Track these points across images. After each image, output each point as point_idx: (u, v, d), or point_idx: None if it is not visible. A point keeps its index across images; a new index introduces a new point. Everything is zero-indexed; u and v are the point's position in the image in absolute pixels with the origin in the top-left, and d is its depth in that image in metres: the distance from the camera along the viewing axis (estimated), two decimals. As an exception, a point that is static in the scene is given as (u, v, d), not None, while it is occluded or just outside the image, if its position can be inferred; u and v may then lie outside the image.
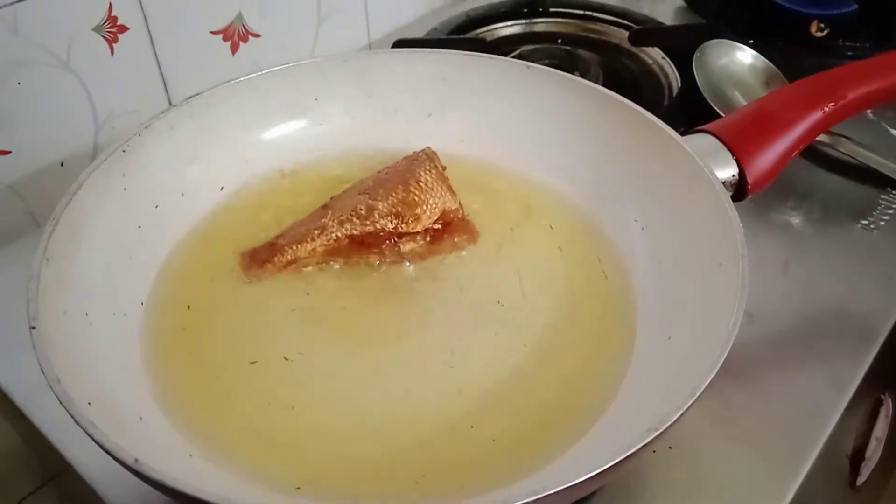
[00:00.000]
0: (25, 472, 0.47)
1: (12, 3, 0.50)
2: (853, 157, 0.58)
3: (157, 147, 0.44)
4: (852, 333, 0.46)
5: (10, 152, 0.54)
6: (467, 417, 0.36)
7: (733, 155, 0.43)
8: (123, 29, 0.57)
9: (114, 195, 0.41)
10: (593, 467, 0.28)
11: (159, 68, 0.61)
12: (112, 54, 0.57)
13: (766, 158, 0.43)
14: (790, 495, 0.39)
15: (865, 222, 0.54)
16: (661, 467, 0.40)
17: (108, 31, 0.56)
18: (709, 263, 0.39)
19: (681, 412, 0.30)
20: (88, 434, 0.29)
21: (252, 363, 0.38)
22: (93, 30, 0.55)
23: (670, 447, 0.40)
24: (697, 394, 0.30)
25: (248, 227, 0.45)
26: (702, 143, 0.44)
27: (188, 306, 0.41)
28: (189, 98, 0.46)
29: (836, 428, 0.42)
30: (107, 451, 0.28)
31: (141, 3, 0.57)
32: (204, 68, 0.63)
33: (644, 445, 0.29)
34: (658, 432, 0.29)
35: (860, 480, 0.53)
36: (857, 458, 0.52)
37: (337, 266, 0.44)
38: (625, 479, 0.39)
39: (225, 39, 0.65)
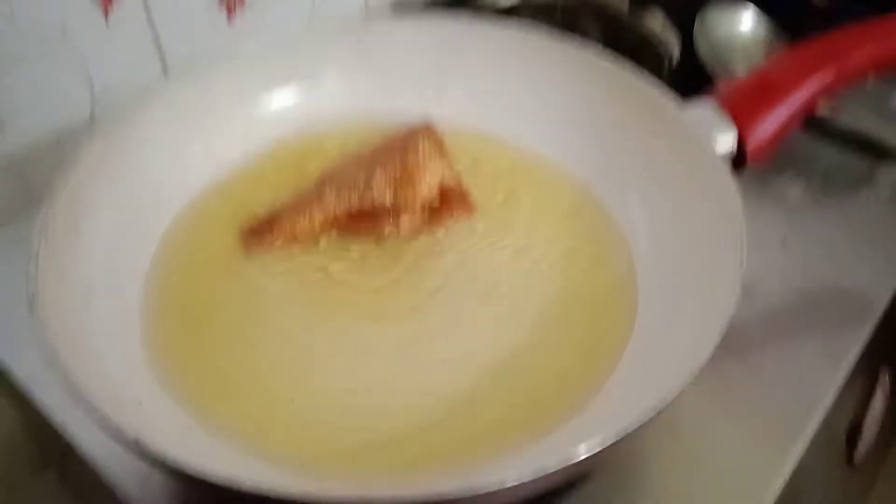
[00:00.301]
0: (28, 455, 0.47)
1: (3, -29, 0.49)
2: (854, 129, 0.57)
3: (154, 120, 0.44)
4: (850, 308, 0.46)
5: (4, 126, 0.53)
6: (467, 394, 0.36)
7: (733, 123, 0.42)
8: (118, -4, 0.56)
9: (111, 170, 0.41)
10: (593, 444, 0.28)
11: (156, 37, 0.60)
12: (107, 24, 0.56)
13: (767, 126, 0.42)
14: (787, 472, 0.39)
15: (866, 194, 0.53)
16: (658, 444, 0.40)
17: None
18: (708, 239, 0.39)
19: (679, 389, 0.30)
20: (88, 414, 0.29)
21: (252, 342, 0.38)
22: (87, -2, 0.54)
23: (667, 423, 0.40)
24: (696, 370, 0.31)
25: (247, 200, 0.45)
26: (701, 110, 0.43)
27: (188, 283, 0.41)
28: (186, 69, 0.46)
29: (833, 404, 0.42)
30: (107, 431, 0.28)
31: (136, -30, 0.56)
32: (200, 36, 0.62)
33: (643, 423, 0.29)
34: (657, 410, 0.29)
35: (857, 457, 0.53)
36: (854, 434, 0.52)
37: (334, 241, 0.44)
38: (622, 456, 0.39)
39: (221, 5, 0.63)
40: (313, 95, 0.50)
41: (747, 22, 0.61)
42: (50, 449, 0.44)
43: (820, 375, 0.42)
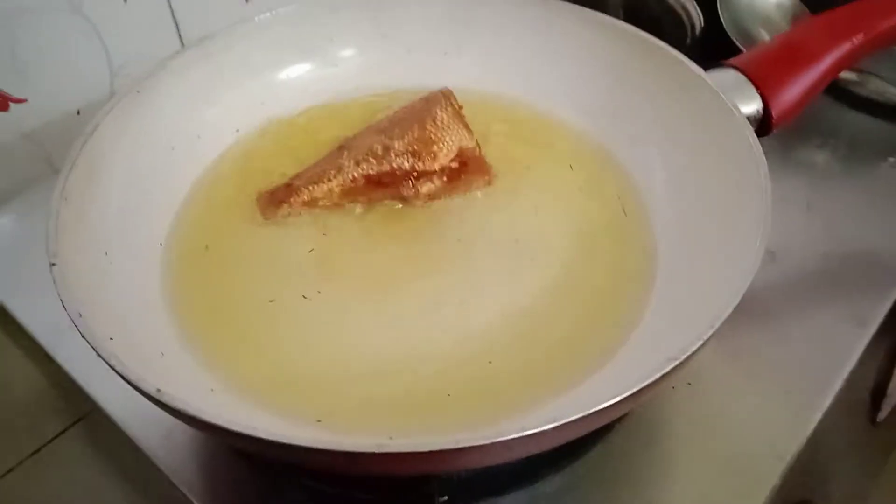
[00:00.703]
0: (53, 413, 0.47)
1: (24, -52, 0.50)
2: (881, 96, 0.56)
3: (172, 88, 0.44)
4: (875, 271, 0.46)
5: (26, 100, 0.54)
6: (486, 352, 0.36)
7: (757, 89, 0.42)
8: (136, -27, 0.56)
9: (130, 136, 0.41)
10: (613, 395, 0.28)
11: (172, 13, 0.60)
12: (125, 0, 0.57)
13: (792, 92, 0.42)
14: (809, 430, 0.39)
15: (893, 160, 0.52)
16: (681, 403, 0.40)
17: (121, -24, 0.56)
18: (731, 198, 0.38)
19: (701, 342, 0.30)
20: (111, 366, 0.29)
21: (270, 301, 0.38)
22: (105, -25, 0.55)
23: (689, 383, 0.40)
24: (717, 324, 0.30)
25: (264, 168, 0.45)
26: (725, 77, 0.43)
27: (206, 246, 0.41)
28: (203, 39, 0.46)
29: (858, 364, 0.42)
30: (129, 383, 0.29)
31: (153, -54, 0.57)
32: (217, 13, 0.63)
33: (664, 375, 0.29)
34: (678, 361, 0.29)
35: (881, 416, 0.53)
36: (878, 393, 0.52)
37: (353, 206, 0.43)
38: (644, 415, 0.39)
39: (238, -16, 0.64)
40: (329, 65, 0.50)
41: (770, -8, 0.60)
42: (76, 408, 0.45)
43: (845, 337, 0.42)
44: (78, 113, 0.57)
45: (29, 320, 0.44)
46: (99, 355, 0.29)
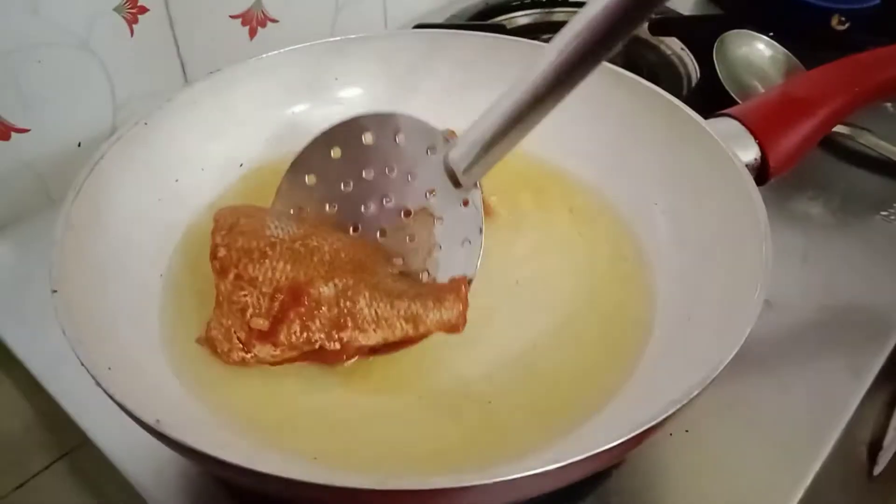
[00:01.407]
0: (39, 448, 0.47)
1: (34, -18, 0.50)
2: (873, 150, 0.57)
3: (178, 121, 0.44)
4: (871, 323, 0.46)
5: (28, 130, 0.54)
6: (485, 392, 0.36)
7: (755, 138, 0.43)
8: (143, 10, 0.57)
9: (135, 167, 0.42)
10: (614, 437, 0.28)
11: (178, 51, 0.61)
12: (132, 35, 0.57)
13: (789, 141, 0.43)
14: (807, 483, 0.38)
15: (885, 213, 0.53)
16: (678, 450, 0.39)
17: (129, 12, 0.57)
18: (731, 245, 0.39)
19: (704, 386, 0.30)
20: (110, 395, 0.29)
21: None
22: (113, 10, 0.55)
23: (687, 430, 0.40)
24: (721, 368, 0.30)
25: (266, 202, 0.45)
26: (723, 126, 0.44)
27: (206, 279, 0.41)
28: (211, 73, 0.46)
29: (854, 417, 0.42)
30: (128, 412, 0.28)
31: (162, -15, 0.58)
32: (222, 52, 0.63)
33: (666, 417, 0.29)
34: (681, 404, 0.29)
35: (877, 470, 0.53)
36: (875, 447, 0.52)
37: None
38: (641, 462, 0.39)
39: (244, 24, 0.65)
40: (335, 104, 0.51)
41: (765, 47, 0.62)
42: (64, 439, 0.44)
43: (841, 388, 0.42)
44: (79, 145, 0.57)
45: (22, 350, 0.43)
46: (98, 384, 0.29)
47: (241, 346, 0.35)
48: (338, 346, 0.36)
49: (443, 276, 0.40)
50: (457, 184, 0.39)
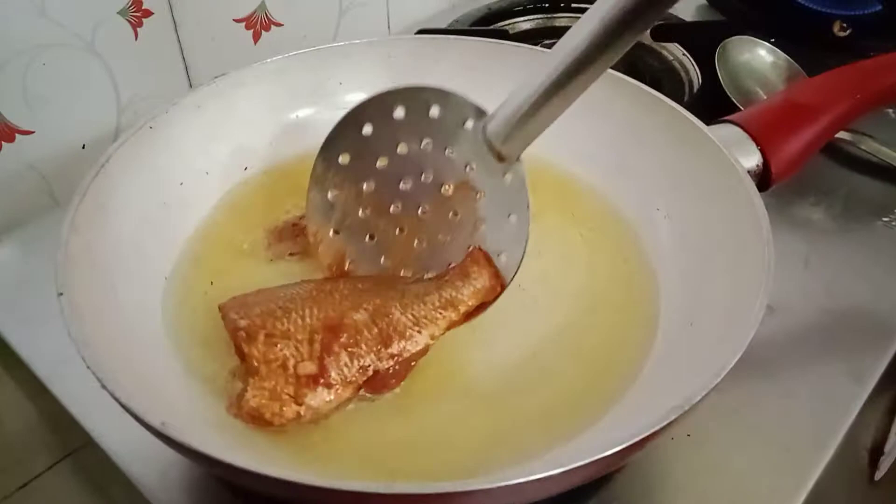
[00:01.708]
0: (42, 449, 0.47)
1: (40, -15, 0.50)
2: (875, 155, 0.58)
3: (183, 125, 0.45)
4: (873, 328, 0.46)
5: (33, 132, 0.54)
6: (489, 396, 0.36)
7: (757, 144, 0.43)
8: (148, 13, 0.58)
9: (140, 170, 0.42)
10: (618, 442, 0.28)
11: (182, 54, 0.61)
12: (136, 38, 0.58)
13: (791, 148, 0.43)
14: (808, 488, 0.38)
15: (886, 219, 0.53)
16: (680, 455, 0.39)
17: (133, 15, 0.57)
18: (733, 250, 0.39)
19: (707, 391, 0.30)
20: (115, 398, 0.29)
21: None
22: (118, 13, 0.56)
23: (689, 435, 0.40)
24: (723, 373, 0.30)
25: (270, 206, 0.45)
26: (725, 132, 0.44)
27: (211, 282, 0.41)
28: (216, 77, 0.47)
29: (856, 422, 0.42)
30: (134, 415, 0.28)
31: (166, -11, 0.58)
32: (226, 55, 0.64)
33: (669, 423, 0.29)
34: (683, 410, 0.29)
35: (878, 475, 0.53)
36: (876, 452, 0.52)
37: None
38: (643, 466, 0.39)
39: (248, 28, 0.65)
40: (339, 108, 0.50)
41: (767, 53, 0.62)
42: (67, 439, 0.44)
43: (843, 393, 0.42)
44: (83, 147, 0.58)
45: (27, 351, 0.44)
46: (104, 386, 0.29)
47: (291, 398, 0.33)
48: (390, 363, 0.35)
49: (493, 249, 0.39)
50: (499, 158, 0.38)
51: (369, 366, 0.35)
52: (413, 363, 0.36)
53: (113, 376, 0.30)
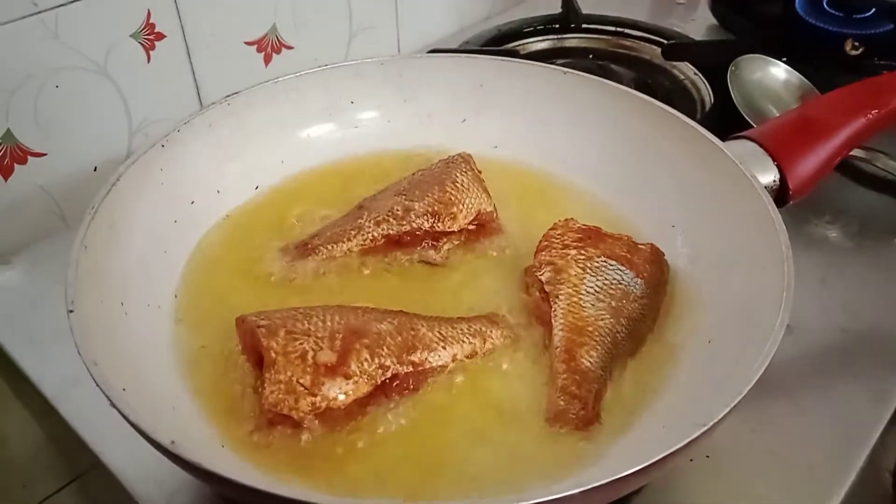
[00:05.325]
0: (49, 472, 0.46)
1: (54, 8, 0.51)
2: (891, 173, 0.57)
3: (194, 143, 0.45)
4: (892, 347, 0.45)
5: (45, 155, 0.54)
6: (505, 416, 0.36)
7: (774, 160, 0.43)
8: (161, 36, 0.58)
9: (151, 189, 0.42)
10: (635, 463, 0.27)
11: (194, 77, 0.62)
12: (148, 61, 0.58)
13: (809, 164, 0.43)
14: (834, 508, 0.38)
15: (903, 237, 0.53)
16: (699, 476, 0.39)
17: (146, 39, 0.57)
18: (751, 267, 0.38)
19: (728, 409, 0.29)
20: (124, 416, 0.28)
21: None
22: (130, 36, 0.56)
23: (707, 456, 0.39)
24: (745, 391, 0.30)
25: (281, 224, 0.45)
26: (742, 148, 0.43)
27: (218, 300, 0.41)
28: (228, 97, 0.47)
29: (878, 443, 0.41)
30: (143, 434, 0.28)
31: (178, 12, 0.58)
32: (237, 78, 0.64)
33: (690, 441, 0.28)
34: (705, 427, 0.28)
35: (903, 499, 0.51)
36: (900, 474, 0.50)
37: (367, 270, 0.43)
38: (661, 489, 0.38)
39: (259, 50, 0.65)
40: (350, 126, 0.51)
41: (780, 72, 0.62)
42: (73, 466, 0.44)
43: (863, 415, 0.41)
44: (95, 170, 0.58)
45: (35, 372, 0.43)
46: (113, 405, 0.29)
47: (306, 390, 0.33)
48: (410, 368, 0.35)
49: None
50: None
51: (389, 367, 0.35)
52: (430, 377, 0.36)
53: (121, 394, 0.29)
